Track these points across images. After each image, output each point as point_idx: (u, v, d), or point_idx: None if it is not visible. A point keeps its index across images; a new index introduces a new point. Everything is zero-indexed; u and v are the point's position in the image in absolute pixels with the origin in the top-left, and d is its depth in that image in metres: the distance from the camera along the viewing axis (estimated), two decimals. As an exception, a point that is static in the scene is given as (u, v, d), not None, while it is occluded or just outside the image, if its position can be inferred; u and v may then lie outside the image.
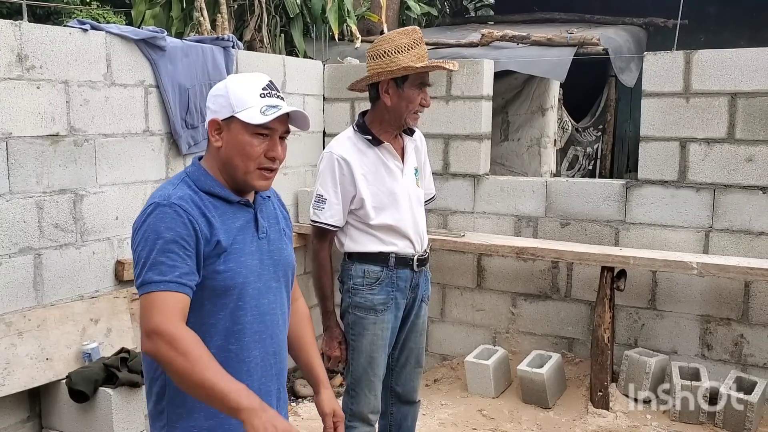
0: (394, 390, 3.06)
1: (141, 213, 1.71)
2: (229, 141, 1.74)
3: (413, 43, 2.74)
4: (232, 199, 1.77)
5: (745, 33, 8.21)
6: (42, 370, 3.13)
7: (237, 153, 1.74)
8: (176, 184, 1.75)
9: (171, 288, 1.61)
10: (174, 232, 1.64)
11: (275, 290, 1.84)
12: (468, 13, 10.58)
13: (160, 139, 3.78)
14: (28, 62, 3.10)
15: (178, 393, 1.69)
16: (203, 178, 1.76)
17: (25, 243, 3.14)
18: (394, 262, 2.82)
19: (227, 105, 1.74)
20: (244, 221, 1.79)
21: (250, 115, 1.71)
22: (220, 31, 5.11)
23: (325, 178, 2.78)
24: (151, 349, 1.59)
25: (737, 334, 4.09)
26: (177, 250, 1.63)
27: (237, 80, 1.80)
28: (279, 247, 1.87)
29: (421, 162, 3.03)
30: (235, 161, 1.74)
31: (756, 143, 3.96)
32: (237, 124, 1.73)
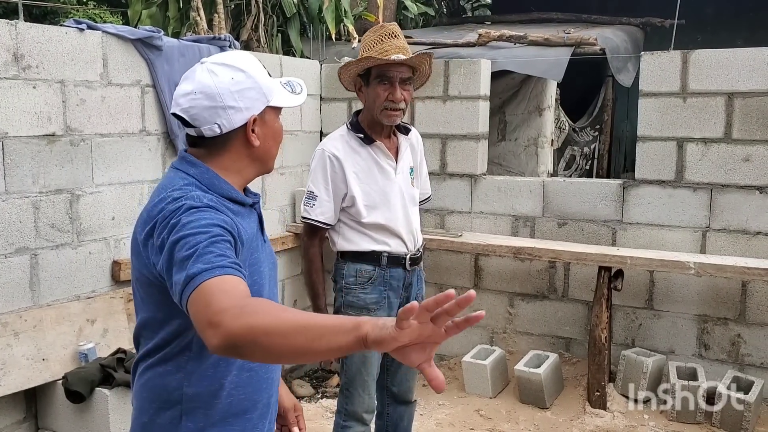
0: (390, 390, 3.05)
1: (168, 211, 1.45)
2: (265, 134, 1.60)
3: (378, 39, 2.71)
4: (246, 202, 1.62)
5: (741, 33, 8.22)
6: (38, 371, 3.12)
7: (274, 142, 1.63)
8: (190, 189, 1.52)
9: (228, 273, 1.32)
10: (222, 227, 1.42)
11: (275, 297, 1.74)
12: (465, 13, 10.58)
13: (157, 139, 3.77)
14: (24, 62, 3.09)
15: (198, 422, 1.55)
16: (217, 182, 1.56)
17: (22, 243, 3.13)
18: (386, 261, 2.82)
19: (261, 96, 1.56)
20: (255, 226, 1.65)
21: (284, 97, 1.61)
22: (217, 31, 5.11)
23: (317, 175, 2.79)
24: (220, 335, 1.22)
25: (734, 334, 4.09)
26: (225, 244, 1.40)
27: (252, 64, 1.58)
28: (271, 249, 1.75)
29: (417, 161, 3.02)
30: (273, 151, 1.64)
31: (753, 143, 3.96)
32: (270, 113, 1.60)
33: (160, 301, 1.52)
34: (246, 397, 1.60)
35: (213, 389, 1.56)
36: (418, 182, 3.03)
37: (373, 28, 2.80)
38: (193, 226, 1.39)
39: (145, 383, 1.60)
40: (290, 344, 1.19)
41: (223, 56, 1.60)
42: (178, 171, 1.59)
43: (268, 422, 1.72)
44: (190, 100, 1.54)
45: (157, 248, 1.44)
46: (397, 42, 2.72)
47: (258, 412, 1.64)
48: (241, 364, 1.58)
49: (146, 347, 1.60)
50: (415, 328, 1.14)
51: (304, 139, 4.90)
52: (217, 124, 1.54)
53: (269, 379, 1.66)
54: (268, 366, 1.65)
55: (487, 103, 4.73)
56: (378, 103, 2.72)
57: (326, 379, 4.80)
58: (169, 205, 1.46)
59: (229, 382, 1.57)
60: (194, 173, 1.56)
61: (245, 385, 1.59)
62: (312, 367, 4.93)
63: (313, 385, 4.70)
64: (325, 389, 4.65)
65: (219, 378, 1.56)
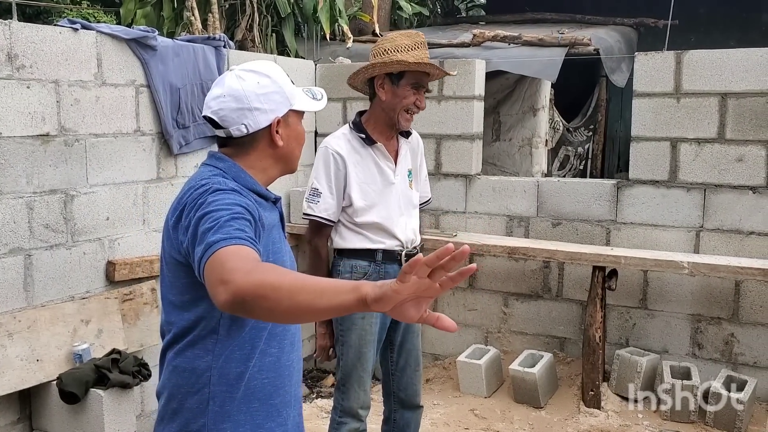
0: (397, 396, 3.06)
1: (196, 194, 1.55)
2: (288, 135, 1.72)
3: (414, 45, 2.78)
4: (270, 197, 1.74)
5: (734, 34, 8.25)
6: (32, 372, 3.11)
7: (297, 144, 1.75)
8: (216, 177, 1.63)
9: (244, 243, 1.40)
10: (241, 208, 1.51)
11: None
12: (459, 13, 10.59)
13: (151, 139, 3.76)
14: (17, 61, 3.08)
15: (224, 405, 1.61)
16: (243, 175, 1.68)
17: (15, 243, 3.12)
18: (381, 257, 2.84)
19: (284, 100, 1.70)
20: (277, 221, 1.76)
21: (306, 102, 1.73)
22: (212, 31, 5.09)
23: (320, 171, 2.81)
24: (230, 291, 1.29)
25: (728, 333, 4.11)
26: (246, 223, 1.48)
27: (277, 71, 1.72)
28: (289, 246, 1.84)
29: (417, 165, 3.04)
30: (296, 152, 1.76)
31: (746, 143, 3.98)
32: (293, 116, 1.73)
33: (187, 284, 1.60)
34: (269, 381, 1.67)
35: (238, 372, 1.63)
36: (417, 185, 3.04)
37: (406, 33, 2.88)
38: (218, 204, 1.50)
39: (175, 369, 1.66)
40: (295, 300, 1.26)
41: (250, 64, 1.73)
42: (207, 165, 1.72)
43: (294, 411, 1.76)
44: (220, 102, 1.67)
45: (184, 228, 1.55)
46: (427, 52, 2.83)
47: (280, 399, 1.70)
48: (264, 348, 1.65)
49: (173, 332, 1.66)
50: (414, 282, 1.20)
51: (298, 139, 4.89)
52: (244, 124, 1.67)
53: (290, 366, 1.73)
54: (290, 354, 1.72)
55: (481, 103, 4.74)
56: (404, 104, 2.79)
57: (321, 379, 4.80)
58: (196, 191, 1.58)
59: (253, 366, 1.64)
60: (222, 167, 1.68)
61: (268, 369, 1.66)
62: (307, 367, 4.93)
63: (308, 385, 4.70)
64: (320, 389, 4.65)
65: (244, 360, 1.63)
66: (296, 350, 1.77)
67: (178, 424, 1.64)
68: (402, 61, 2.72)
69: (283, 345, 1.70)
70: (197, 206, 1.53)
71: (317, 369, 4.93)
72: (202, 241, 1.43)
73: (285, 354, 1.71)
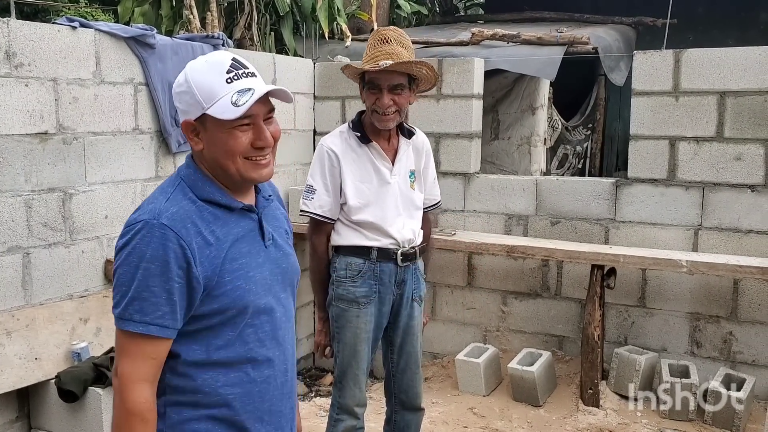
0: (398, 397, 3.06)
1: (128, 227, 1.51)
2: (209, 141, 1.54)
3: (372, 44, 2.77)
4: (234, 206, 1.59)
5: (733, 32, 8.26)
6: (31, 370, 3.11)
7: (221, 152, 1.54)
8: (170, 193, 1.56)
9: (150, 332, 1.47)
10: (161, 261, 1.46)
11: (284, 301, 1.69)
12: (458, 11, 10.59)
13: (150, 138, 3.76)
14: (16, 60, 3.08)
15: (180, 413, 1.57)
16: (200, 184, 1.57)
17: (14, 242, 3.12)
18: (376, 255, 2.84)
19: (195, 102, 1.52)
20: (249, 230, 1.62)
21: (222, 108, 1.49)
22: (210, 29, 5.09)
23: (315, 169, 2.85)
24: (114, 388, 1.51)
25: (726, 332, 4.11)
26: (162, 284, 1.46)
27: (198, 69, 1.55)
28: (286, 254, 1.71)
29: (421, 166, 3.01)
30: (222, 161, 1.54)
31: (744, 142, 3.98)
32: (212, 121, 1.52)
33: None
34: (235, 398, 1.59)
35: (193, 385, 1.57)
36: (421, 186, 3.01)
37: (373, 33, 2.83)
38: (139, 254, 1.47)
39: None
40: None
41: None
42: (179, 170, 1.63)
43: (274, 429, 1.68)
44: None
45: None
46: (388, 48, 2.72)
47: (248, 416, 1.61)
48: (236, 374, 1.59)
49: None
50: None
51: (297, 138, 4.89)
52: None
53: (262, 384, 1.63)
54: (259, 372, 1.62)
55: (480, 101, 4.74)
56: (368, 107, 2.79)
57: (320, 377, 4.80)
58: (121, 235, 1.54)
59: (212, 380, 1.57)
60: (184, 174, 1.60)
61: (233, 385, 1.58)
62: (306, 366, 4.93)
63: (307, 383, 4.71)
64: (318, 388, 4.65)
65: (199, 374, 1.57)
66: (278, 363, 1.66)
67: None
68: (345, 66, 2.78)
69: (257, 362, 1.61)
70: (120, 244, 1.52)
71: (316, 368, 4.94)
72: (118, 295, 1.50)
73: (256, 370, 1.61)
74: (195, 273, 1.49)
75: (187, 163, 1.63)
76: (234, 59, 1.56)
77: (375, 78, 2.72)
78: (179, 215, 1.51)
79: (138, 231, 1.48)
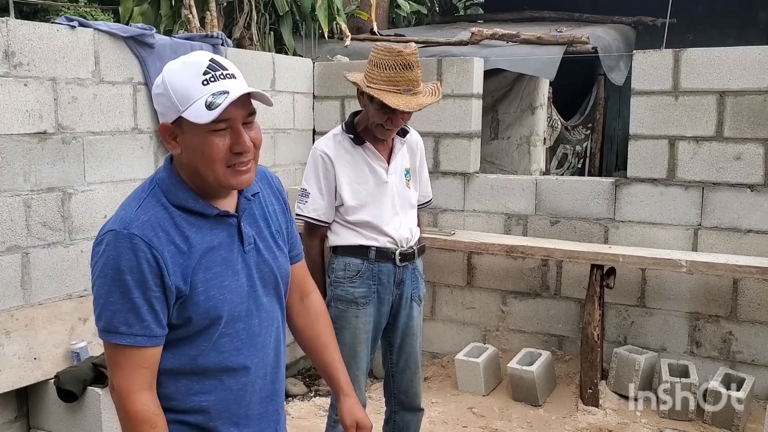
0: (397, 398, 3.06)
1: (100, 237, 1.50)
2: (186, 146, 1.48)
3: (394, 65, 2.66)
4: (208, 214, 1.53)
5: (732, 32, 8.26)
6: (30, 370, 3.11)
7: (199, 158, 1.47)
8: (142, 199, 1.53)
9: (139, 342, 1.46)
10: (137, 273, 1.44)
11: (267, 306, 1.64)
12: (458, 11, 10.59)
13: (149, 137, 3.75)
14: (15, 59, 3.07)
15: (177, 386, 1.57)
16: (174, 189, 1.52)
17: (13, 242, 3.12)
18: (374, 255, 2.84)
19: (171, 105, 1.46)
20: (226, 236, 1.56)
21: (196, 112, 1.42)
22: (209, 29, 5.08)
23: (309, 173, 2.86)
24: (114, 402, 1.51)
25: (726, 331, 4.11)
26: (140, 294, 1.45)
27: (174, 70, 1.48)
28: (271, 257, 1.65)
29: (416, 164, 3.02)
30: (200, 168, 1.48)
31: (744, 141, 3.98)
32: (188, 125, 1.45)
33: None
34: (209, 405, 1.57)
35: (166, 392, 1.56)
36: (416, 184, 3.03)
37: (389, 49, 2.70)
38: (114, 266, 1.47)
39: None
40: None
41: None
42: (157, 172, 1.60)
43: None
44: None
45: None
46: (410, 74, 2.67)
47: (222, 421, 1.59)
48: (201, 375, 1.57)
49: None
50: None
51: (296, 138, 4.89)
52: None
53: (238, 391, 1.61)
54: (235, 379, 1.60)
55: (479, 101, 4.74)
56: (372, 121, 2.75)
57: (319, 377, 4.80)
58: (95, 244, 1.56)
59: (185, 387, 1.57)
60: (159, 178, 1.57)
61: (207, 392, 1.57)
62: (305, 365, 4.93)
63: (306, 383, 4.70)
64: (318, 387, 4.65)
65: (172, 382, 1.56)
66: (253, 372, 1.62)
67: None
68: (362, 86, 2.68)
69: (234, 370, 1.58)
70: (94, 256, 1.55)
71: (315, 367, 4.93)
72: (98, 308, 1.52)
73: (232, 378, 1.59)
74: (168, 282, 1.47)
75: (164, 165, 1.58)
76: (212, 60, 1.48)
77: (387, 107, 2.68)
78: (150, 223, 1.48)
79: (109, 242, 1.48)
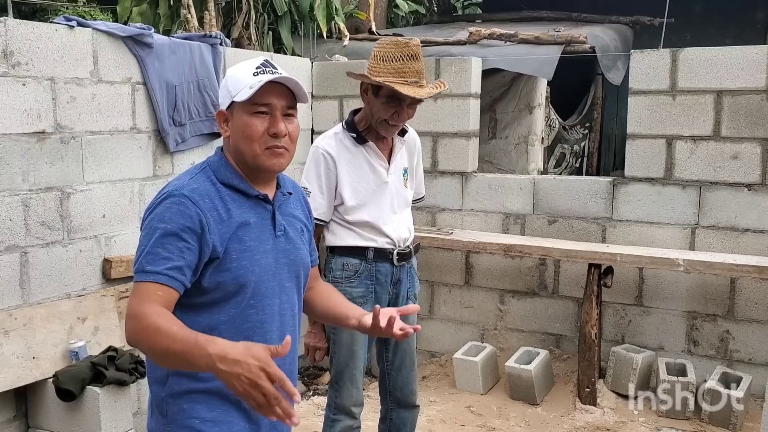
0: (393, 395, 3.06)
1: (153, 200, 1.69)
2: (234, 128, 1.73)
3: (401, 56, 2.67)
4: (250, 193, 1.74)
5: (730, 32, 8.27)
6: (28, 369, 3.11)
7: (241, 137, 1.71)
8: (194, 174, 1.74)
9: (159, 280, 1.58)
10: (177, 224, 1.61)
11: (288, 290, 1.80)
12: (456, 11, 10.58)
13: (148, 137, 3.76)
14: (13, 59, 3.08)
15: (183, 404, 1.67)
16: (223, 169, 1.74)
17: (11, 241, 3.12)
18: (372, 255, 2.84)
19: (227, 93, 1.73)
20: (262, 217, 1.75)
21: (241, 93, 1.68)
22: (208, 29, 5.09)
23: (310, 171, 2.82)
24: (128, 332, 1.58)
25: (723, 330, 4.12)
26: (176, 242, 1.60)
27: (235, 67, 1.77)
28: (296, 247, 1.82)
29: (414, 163, 3.02)
30: (241, 146, 1.71)
31: (741, 141, 3.99)
32: (237, 108, 1.71)
33: None
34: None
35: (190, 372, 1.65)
36: (412, 183, 3.04)
37: (396, 42, 2.72)
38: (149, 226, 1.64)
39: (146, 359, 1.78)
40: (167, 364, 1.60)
41: None
42: (208, 157, 1.82)
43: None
44: None
45: None
46: (417, 65, 2.69)
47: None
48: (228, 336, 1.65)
49: None
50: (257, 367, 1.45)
51: (295, 137, 4.89)
52: None
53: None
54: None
55: (477, 101, 4.75)
56: (377, 117, 2.74)
57: (318, 376, 4.81)
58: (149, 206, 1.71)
59: None
60: (211, 160, 1.79)
61: None
62: (303, 365, 4.93)
63: (305, 382, 4.71)
64: (316, 386, 4.66)
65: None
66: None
67: (152, 421, 1.75)
68: (367, 78, 2.68)
69: (254, 342, 1.62)
70: (145, 214, 1.69)
71: (314, 366, 4.93)
72: (137, 254, 1.64)
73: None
74: (207, 239, 1.63)
75: (216, 152, 1.82)
76: (267, 60, 1.75)
77: (396, 94, 2.67)
78: (199, 191, 1.67)
79: (161, 201, 1.66)
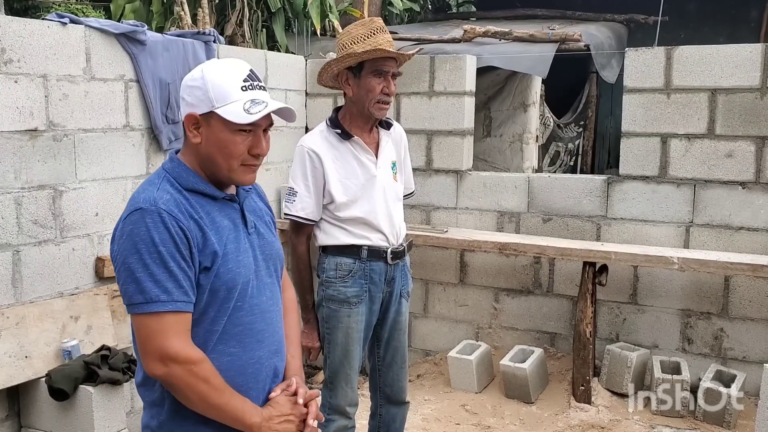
0: (383, 391, 3.06)
1: (125, 218, 1.59)
2: (209, 137, 1.64)
3: (369, 32, 2.71)
4: (217, 196, 1.69)
5: (724, 30, 8.30)
6: (21, 369, 3.09)
7: (218, 151, 1.63)
8: (158, 184, 1.64)
9: (180, 308, 1.56)
10: (170, 244, 1.55)
11: (270, 286, 1.79)
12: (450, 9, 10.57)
13: (141, 135, 3.74)
14: (5, 56, 3.05)
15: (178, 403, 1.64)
16: (185, 175, 1.66)
17: (3, 239, 3.10)
18: (366, 255, 2.82)
19: (206, 99, 1.62)
20: (232, 218, 1.71)
21: (233, 112, 1.60)
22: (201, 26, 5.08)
23: (296, 171, 2.81)
24: (165, 374, 1.56)
25: (717, 328, 4.13)
26: (176, 264, 1.56)
27: (215, 70, 1.65)
28: (268, 241, 1.81)
29: (401, 157, 3.02)
30: (217, 159, 1.64)
31: (735, 139, 3.99)
32: (218, 120, 1.62)
33: None
34: (228, 381, 1.65)
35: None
36: (402, 177, 3.03)
37: (361, 22, 2.80)
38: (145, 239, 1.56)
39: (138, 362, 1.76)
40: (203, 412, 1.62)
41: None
42: (163, 165, 1.73)
43: None
44: None
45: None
46: (387, 36, 2.75)
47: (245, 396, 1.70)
48: (220, 348, 1.67)
49: None
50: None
51: (289, 135, 4.88)
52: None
53: (256, 364, 1.72)
54: (256, 352, 1.72)
55: (472, 99, 4.74)
56: (372, 96, 2.74)
57: (313, 375, 4.80)
58: (118, 227, 1.63)
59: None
60: (168, 167, 1.69)
61: (227, 369, 1.65)
62: (298, 364, 4.92)
63: (299, 381, 4.69)
64: (311, 385, 4.65)
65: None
66: (266, 347, 1.74)
67: (146, 415, 1.73)
68: (352, 53, 2.68)
69: (245, 343, 1.69)
70: (120, 233, 1.59)
71: (308, 365, 4.92)
72: (132, 282, 1.55)
73: (249, 352, 1.69)
74: (194, 253, 1.60)
75: (170, 158, 1.73)
76: (252, 71, 1.68)
77: (382, 65, 2.71)
78: (173, 201, 1.61)
79: (138, 220, 1.57)
